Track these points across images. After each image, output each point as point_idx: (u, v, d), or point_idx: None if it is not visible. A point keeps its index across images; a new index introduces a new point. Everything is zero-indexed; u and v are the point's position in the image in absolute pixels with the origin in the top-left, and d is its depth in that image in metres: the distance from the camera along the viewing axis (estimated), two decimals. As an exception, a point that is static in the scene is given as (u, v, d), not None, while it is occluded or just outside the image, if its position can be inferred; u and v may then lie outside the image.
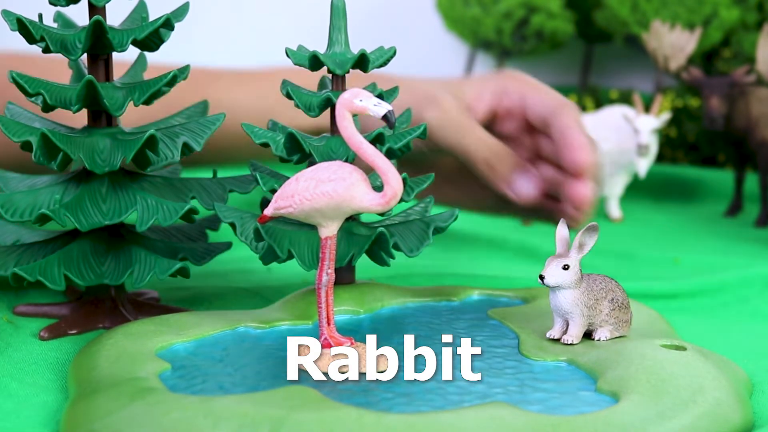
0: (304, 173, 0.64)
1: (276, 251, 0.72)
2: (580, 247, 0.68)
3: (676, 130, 1.49)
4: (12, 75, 0.73)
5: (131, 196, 0.75)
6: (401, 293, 0.78)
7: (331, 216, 0.64)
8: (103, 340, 0.68)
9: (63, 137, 0.73)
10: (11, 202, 0.74)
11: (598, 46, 1.82)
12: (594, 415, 0.57)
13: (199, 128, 0.78)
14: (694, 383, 0.61)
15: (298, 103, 0.75)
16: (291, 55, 0.75)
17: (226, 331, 0.71)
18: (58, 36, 0.73)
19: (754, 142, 1.29)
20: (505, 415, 0.56)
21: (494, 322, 0.74)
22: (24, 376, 0.68)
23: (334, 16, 0.74)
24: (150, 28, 0.74)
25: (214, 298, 0.85)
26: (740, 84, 1.28)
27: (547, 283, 0.68)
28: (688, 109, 1.50)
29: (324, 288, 0.65)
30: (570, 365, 0.66)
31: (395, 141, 0.75)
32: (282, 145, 0.75)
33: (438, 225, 0.77)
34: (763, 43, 1.28)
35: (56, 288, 0.74)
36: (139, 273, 0.74)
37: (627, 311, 0.70)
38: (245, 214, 0.74)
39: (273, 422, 0.55)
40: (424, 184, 0.78)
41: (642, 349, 0.65)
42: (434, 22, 1.82)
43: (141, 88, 0.75)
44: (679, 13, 1.53)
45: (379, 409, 0.58)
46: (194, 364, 0.65)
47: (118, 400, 0.58)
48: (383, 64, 0.75)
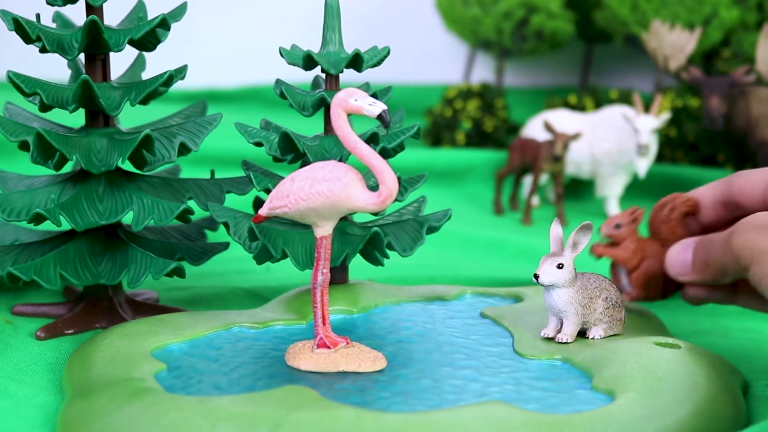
0: (299, 173, 0.64)
1: (270, 251, 0.72)
2: (574, 246, 0.68)
3: (676, 130, 1.49)
4: (9, 74, 0.73)
5: (128, 196, 0.75)
6: (395, 293, 0.78)
7: (327, 216, 0.64)
8: (98, 341, 0.68)
9: (59, 137, 0.73)
10: (8, 202, 0.74)
11: (598, 46, 1.82)
12: (590, 413, 0.57)
13: (196, 128, 0.78)
14: (689, 381, 0.61)
15: (292, 102, 0.75)
16: (285, 54, 0.76)
17: (221, 331, 0.71)
18: (54, 36, 0.74)
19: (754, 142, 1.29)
20: (502, 414, 0.56)
21: (488, 322, 0.74)
22: (23, 376, 0.68)
23: (328, 15, 0.75)
24: (146, 28, 0.74)
25: (213, 298, 0.85)
26: (740, 84, 1.28)
27: (542, 282, 0.68)
28: (688, 109, 1.49)
29: (319, 288, 0.65)
30: (565, 364, 0.66)
31: (389, 141, 0.75)
32: (276, 145, 0.75)
33: (431, 224, 0.77)
34: (763, 43, 1.27)
35: (51, 287, 0.74)
36: (135, 273, 0.74)
37: (621, 310, 0.70)
38: (239, 214, 0.74)
39: (271, 422, 0.55)
40: (417, 183, 0.78)
41: (637, 348, 0.65)
42: (434, 21, 1.82)
43: (137, 88, 0.75)
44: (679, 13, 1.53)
45: (377, 409, 0.58)
46: (190, 365, 0.65)
47: (115, 401, 0.59)
48: (377, 64, 0.75)
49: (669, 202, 0.76)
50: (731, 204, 0.75)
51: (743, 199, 0.74)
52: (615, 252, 0.76)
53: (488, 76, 1.82)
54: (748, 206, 0.73)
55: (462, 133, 1.56)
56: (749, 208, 0.73)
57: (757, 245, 0.65)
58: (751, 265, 0.65)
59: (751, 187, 0.73)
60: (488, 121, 1.56)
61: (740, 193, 0.74)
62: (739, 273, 0.67)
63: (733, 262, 0.67)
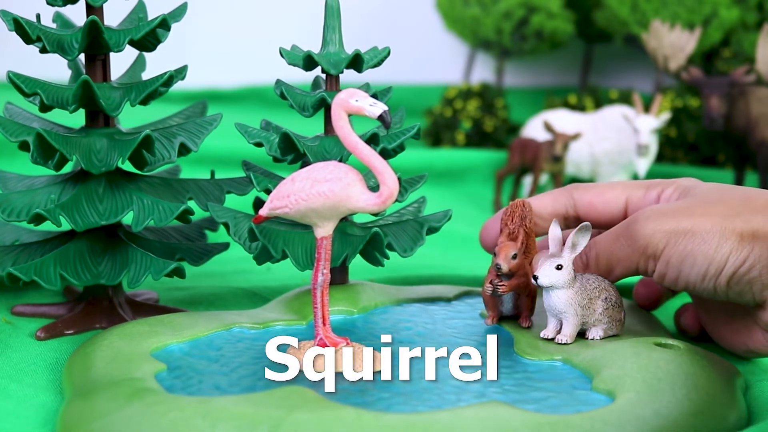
0: (299, 173, 0.64)
1: (270, 251, 0.72)
2: (573, 247, 0.68)
3: (676, 130, 1.49)
4: (9, 75, 0.73)
5: (128, 196, 0.75)
6: (395, 293, 0.78)
7: (327, 216, 0.64)
8: (98, 341, 0.68)
9: (59, 137, 0.73)
10: (8, 202, 0.74)
11: (598, 46, 1.82)
12: (591, 414, 0.57)
13: (196, 128, 0.78)
14: (689, 381, 0.62)
15: (293, 103, 0.75)
16: (285, 55, 0.75)
17: (221, 332, 0.71)
18: (54, 36, 0.74)
19: (753, 142, 1.29)
20: (502, 415, 0.56)
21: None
22: (23, 376, 0.68)
23: (328, 16, 0.75)
24: (146, 28, 0.74)
25: (213, 298, 0.85)
26: (740, 84, 1.28)
27: (541, 284, 0.68)
28: (688, 109, 1.49)
29: (320, 288, 0.65)
30: (565, 364, 0.66)
31: (389, 141, 0.75)
32: (276, 145, 0.75)
33: (432, 225, 0.77)
34: (762, 43, 1.27)
35: (51, 288, 0.74)
36: (135, 273, 0.74)
37: (620, 310, 0.70)
38: (239, 215, 0.74)
39: (271, 423, 0.55)
40: (418, 183, 0.78)
41: (637, 348, 0.65)
42: (434, 21, 1.82)
43: (138, 88, 0.75)
44: (679, 13, 1.53)
45: (377, 409, 0.58)
46: (190, 365, 0.65)
47: (116, 401, 0.58)
48: (377, 64, 0.75)
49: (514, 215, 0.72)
50: (572, 218, 0.75)
51: (590, 214, 0.74)
52: (517, 282, 0.70)
53: (488, 76, 1.82)
54: (594, 221, 0.74)
55: (462, 133, 1.56)
56: (594, 224, 0.74)
57: (668, 228, 0.67)
58: (665, 249, 0.66)
59: (604, 203, 0.74)
60: (488, 121, 1.56)
61: (588, 207, 0.75)
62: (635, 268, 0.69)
63: (637, 253, 0.68)
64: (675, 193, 0.72)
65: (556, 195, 0.76)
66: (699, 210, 0.67)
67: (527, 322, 0.72)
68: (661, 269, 0.67)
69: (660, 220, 0.67)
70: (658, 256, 0.67)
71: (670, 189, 0.73)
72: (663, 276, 0.68)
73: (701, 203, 0.68)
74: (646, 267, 0.68)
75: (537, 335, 0.70)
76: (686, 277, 0.66)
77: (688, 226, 0.66)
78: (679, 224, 0.66)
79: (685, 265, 0.66)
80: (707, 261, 0.65)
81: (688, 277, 0.66)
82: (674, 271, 0.67)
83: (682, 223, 0.66)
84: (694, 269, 0.66)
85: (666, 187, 0.73)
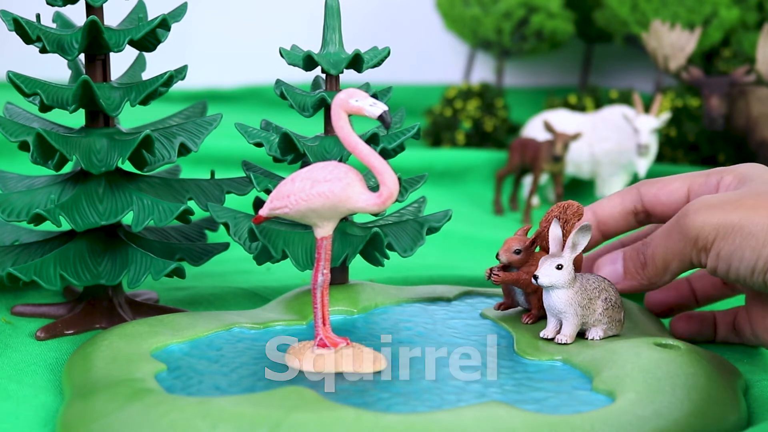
0: (299, 173, 0.64)
1: (270, 251, 0.72)
2: (573, 247, 0.68)
3: (676, 130, 1.49)
4: (9, 75, 0.73)
5: (128, 196, 0.75)
6: (395, 293, 0.78)
7: (327, 216, 0.64)
8: (98, 341, 0.68)
9: (59, 137, 0.73)
10: (8, 202, 0.74)
11: (598, 46, 1.82)
12: (591, 414, 0.57)
13: (196, 128, 0.78)
14: (689, 382, 0.62)
15: (293, 103, 0.75)
16: (285, 55, 0.76)
17: (221, 332, 0.71)
18: (54, 36, 0.74)
19: (754, 142, 1.29)
20: (502, 415, 0.56)
21: (488, 322, 0.74)
22: (23, 377, 0.68)
23: (328, 16, 0.75)
24: (146, 28, 0.74)
25: (213, 298, 0.85)
26: (740, 84, 1.28)
27: (541, 283, 0.68)
28: (688, 109, 1.49)
29: (320, 288, 0.65)
30: (565, 364, 0.66)
31: (389, 141, 0.75)
32: (276, 145, 0.75)
33: (432, 225, 0.77)
34: (763, 43, 1.27)
35: (51, 288, 0.74)
36: (135, 273, 0.74)
37: (620, 310, 0.70)
38: (239, 215, 0.74)
39: (271, 423, 0.55)
40: (418, 183, 0.78)
41: (637, 348, 0.65)
42: (434, 21, 1.82)
43: (138, 88, 0.75)
44: (679, 13, 1.53)
45: (377, 410, 0.58)
46: (190, 365, 0.65)
47: (115, 401, 0.58)
48: (377, 64, 0.75)
49: (558, 216, 0.71)
50: (642, 213, 0.75)
51: (656, 207, 0.75)
52: (516, 277, 0.71)
53: (488, 76, 1.82)
54: (661, 214, 0.74)
55: (462, 133, 1.56)
56: (661, 216, 0.74)
57: (717, 221, 0.66)
58: (715, 241, 0.66)
59: (668, 194, 0.74)
60: (488, 121, 1.57)
61: (654, 200, 0.75)
62: (689, 261, 0.68)
63: (689, 246, 0.67)
64: (734, 181, 0.71)
65: (624, 193, 0.76)
66: (749, 202, 0.66)
67: (529, 319, 0.72)
68: (713, 262, 0.67)
69: (708, 213, 0.66)
70: (709, 249, 0.66)
71: (729, 177, 0.72)
72: (715, 269, 0.67)
73: (752, 195, 0.67)
74: (699, 260, 0.67)
75: (537, 335, 0.70)
76: (736, 271, 0.66)
77: (735, 219, 0.65)
78: (727, 217, 0.66)
79: (734, 259, 0.65)
80: (755, 255, 0.65)
81: (738, 271, 0.66)
82: (725, 265, 0.66)
83: (729, 216, 0.66)
84: (743, 263, 0.65)
85: (726, 175, 0.72)
